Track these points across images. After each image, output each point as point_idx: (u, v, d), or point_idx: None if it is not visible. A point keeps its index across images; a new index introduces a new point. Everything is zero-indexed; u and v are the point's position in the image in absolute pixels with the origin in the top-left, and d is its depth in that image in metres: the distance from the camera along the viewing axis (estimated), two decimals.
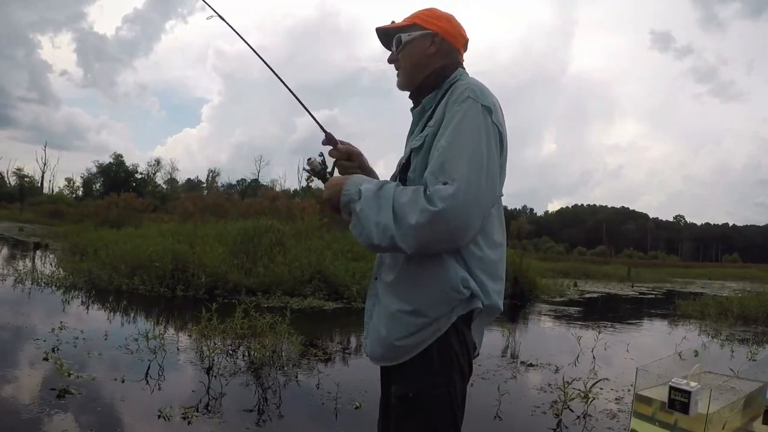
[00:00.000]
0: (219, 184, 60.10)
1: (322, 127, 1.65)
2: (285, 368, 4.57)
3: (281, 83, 1.72)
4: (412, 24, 1.53)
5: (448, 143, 1.30)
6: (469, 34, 1.59)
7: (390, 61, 1.58)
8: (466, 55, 1.58)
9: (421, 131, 1.44)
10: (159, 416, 3.26)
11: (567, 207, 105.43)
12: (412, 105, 1.57)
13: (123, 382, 3.86)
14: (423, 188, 1.28)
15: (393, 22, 1.58)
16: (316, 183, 1.59)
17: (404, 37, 1.52)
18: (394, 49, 1.56)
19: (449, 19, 1.54)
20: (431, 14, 1.54)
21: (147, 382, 3.96)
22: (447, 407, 1.34)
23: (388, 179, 1.53)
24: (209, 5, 1.72)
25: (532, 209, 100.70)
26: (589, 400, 3.91)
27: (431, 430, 1.33)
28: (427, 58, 1.51)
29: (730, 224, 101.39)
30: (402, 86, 1.58)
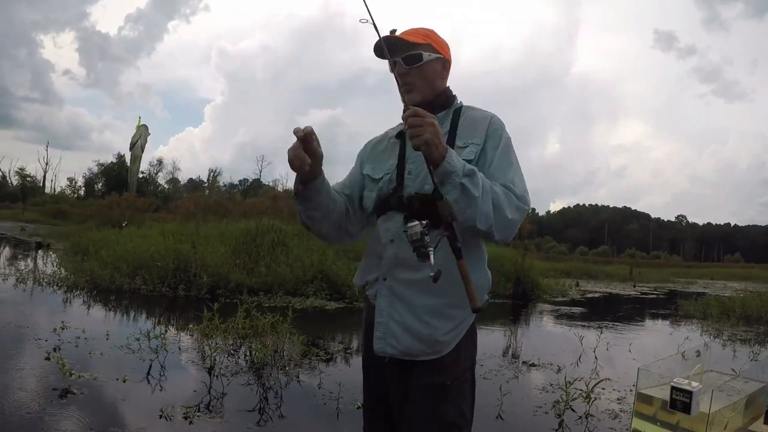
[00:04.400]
0: (221, 184, 60.19)
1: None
2: (287, 368, 4.57)
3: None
4: (425, 43, 1.56)
5: (514, 163, 1.51)
6: (473, 35, 1.60)
7: (401, 73, 1.56)
8: (471, 57, 1.62)
9: (447, 142, 1.47)
10: (161, 416, 3.26)
11: (569, 207, 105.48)
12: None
13: (125, 381, 3.86)
14: (508, 188, 1.43)
15: (394, 31, 1.56)
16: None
17: (425, 56, 1.56)
18: (402, 61, 1.56)
19: (449, 48, 1.65)
20: (440, 40, 1.61)
21: (148, 381, 3.96)
22: (473, 390, 1.54)
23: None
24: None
25: (534, 209, 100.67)
26: (591, 400, 3.90)
27: (461, 411, 1.49)
28: (440, 80, 1.61)
29: (732, 224, 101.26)
30: (415, 102, 1.54)
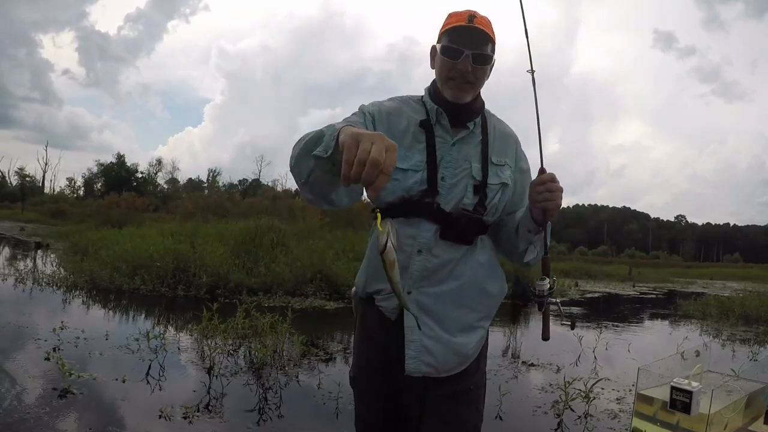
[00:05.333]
0: (220, 184, 60.12)
1: None
2: (286, 368, 4.56)
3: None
4: (493, 41, 1.42)
5: None
6: None
7: (465, 70, 1.40)
8: None
9: (480, 157, 1.46)
10: (160, 416, 3.26)
11: (568, 207, 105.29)
12: (445, 116, 1.45)
13: (124, 381, 3.86)
14: None
15: (473, 17, 1.39)
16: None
17: (493, 58, 1.43)
18: (471, 57, 1.39)
19: None
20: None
21: (148, 381, 3.96)
22: (485, 391, 1.58)
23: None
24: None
25: None
26: (590, 400, 3.91)
27: (480, 414, 1.54)
28: (484, 82, 1.49)
29: (732, 224, 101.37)
30: (463, 101, 1.45)
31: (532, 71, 1.52)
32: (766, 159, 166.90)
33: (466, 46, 1.38)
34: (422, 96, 1.52)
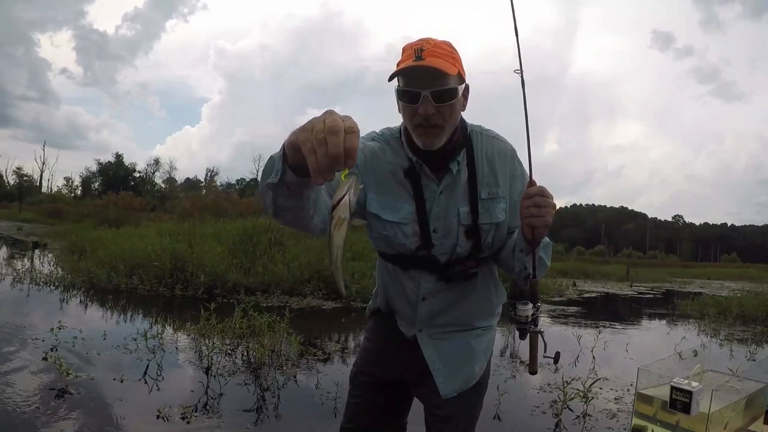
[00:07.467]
0: (218, 184, 60.13)
1: None
2: (284, 368, 4.56)
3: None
4: (457, 71, 1.28)
5: None
6: (473, 36, 1.52)
7: (428, 113, 1.27)
8: (471, 57, 1.53)
9: (468, 197, 1.40)
10: (158, 416, 3.25)
11: (566, 207, 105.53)
12: (425, 166, 1.38)
13: (122, 381, 3.85)
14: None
15: (421, 51, 1.24)
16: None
17: (460, 89, 1.31)
18: (431, 97, 1.25)
19: None
20: (460, 60, 1.32)
21: (146, 381, 3.95)
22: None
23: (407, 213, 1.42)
24: None
25: None
26: (589, 399, 3.91)
27: (481, 401, 1.67)
28: (460, 114, 1.37)
29: (729, 224, 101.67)
30: (437, 147, 1.34)
31: (521, 71, 1.39)
32: (764, 159, 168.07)
33: (422, 86, 1.25)
34: (400, 134, 1.42)
